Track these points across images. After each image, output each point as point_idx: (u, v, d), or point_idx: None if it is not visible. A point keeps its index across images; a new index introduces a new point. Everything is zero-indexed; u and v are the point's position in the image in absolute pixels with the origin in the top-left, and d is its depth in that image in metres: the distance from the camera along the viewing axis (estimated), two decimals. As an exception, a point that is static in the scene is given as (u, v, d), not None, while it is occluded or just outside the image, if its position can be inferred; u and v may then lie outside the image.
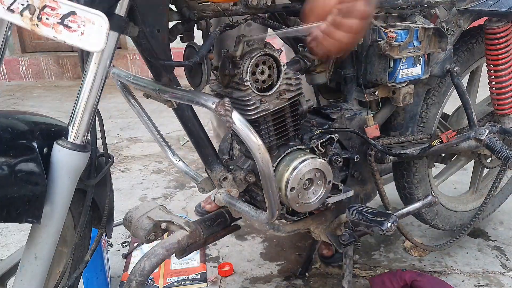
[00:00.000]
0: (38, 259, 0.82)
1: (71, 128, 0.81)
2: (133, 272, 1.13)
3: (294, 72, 1.09)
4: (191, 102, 0.87)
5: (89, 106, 0.81)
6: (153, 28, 0.92)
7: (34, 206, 0.76)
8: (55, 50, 5.01)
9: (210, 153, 1.11)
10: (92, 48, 0.66)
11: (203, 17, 0.99)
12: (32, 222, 0.77)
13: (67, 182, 0.81)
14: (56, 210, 0.81)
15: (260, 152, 0.85)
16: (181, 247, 1.17)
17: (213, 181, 1.15)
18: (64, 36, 0.66)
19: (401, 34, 1.17)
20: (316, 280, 1.52)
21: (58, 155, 0.80)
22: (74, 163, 0.81)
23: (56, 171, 0.80)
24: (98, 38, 0.65)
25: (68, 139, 0.81)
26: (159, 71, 0.98)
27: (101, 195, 1.07)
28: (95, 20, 0.64)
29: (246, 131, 0.83)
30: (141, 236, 1.18)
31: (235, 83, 1.03)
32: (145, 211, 1.21)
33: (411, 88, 1.26)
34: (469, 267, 1.61)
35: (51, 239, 0.82)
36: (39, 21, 0.66)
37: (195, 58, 0.92)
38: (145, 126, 1.31)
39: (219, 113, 0.80)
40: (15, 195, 0.73)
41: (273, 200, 0.92)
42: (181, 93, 0.90)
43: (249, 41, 1.03)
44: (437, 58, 1.30)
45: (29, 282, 0.83)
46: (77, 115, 0.81)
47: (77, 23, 0.65)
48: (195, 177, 1.24)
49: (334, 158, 1.18)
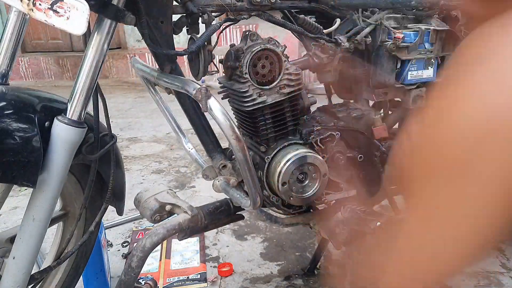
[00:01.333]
0: (36, 221, 0.92)
1: (70, 105, 0.90)
2: (135, 248, 1.21)
3: (296, 68, 1.12)
4: (179, 88, 0.94)
5: (87, 86, 0.89)
6: (157, 19, 1.00)
7: (30, 172, 0.85)
8: (55, 50, 5.13)
9: (211, 141, 1.17)
10: (75, 31, 0.74)
11: (206, 12, 1.05)
12: (27, 186, 0.86)
13: (64, 153, 0.90)
14: (53, 178, 0.90)
15: (234, 138, 0.89)
16: (182, 229, 1.24)
17: (214, 168, 1.21)
18: (54, 20, 0.74)
19: (410, 35, 1.16)
20: (316, 280, 1.53)
21: (57, 129, 0.89)
22: (71, 137, 0.90)
23: (55, 143, 0.89)
24: (81, 22, 0.73)
25: (67, 115, 0.90)
26: (162, 60, 1.05)
27: (109, 172, 1.16)
28: (78, 6, 0.73)
29: (222, 118, 0.88)
30: (147, 215, 1.26)
31: (236, 75, 1.08)
32: (154, 193, 1.29)
33: (423, 91, 1.24)
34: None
35: (47, 203, 0.91)
36: (33, 6, 0.75)
37: (190, 49, 0.99)
38: (163, 114, 1.39)
39: (197, 98, 0.86)
40: (11, 159, 0.82)
41: (252, 187, 0.96)
42: (172, 80, 0.96)
43: (254, 35, 1.08)
44: (453, 62, 1.27)
45: (27, 241, 0.93)
46: (76, 94, 0.90)
47: (64, 9, 0.73)
48: (202, 165, 1.30)
49: (336, 156, 1.19)
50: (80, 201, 1.17)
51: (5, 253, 1.05)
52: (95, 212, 1.18)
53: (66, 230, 1.22)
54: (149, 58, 4.76)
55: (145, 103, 4.13)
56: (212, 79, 3.52)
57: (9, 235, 1.06)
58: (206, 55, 1.02)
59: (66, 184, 1.12)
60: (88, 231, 1.12)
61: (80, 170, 1.14)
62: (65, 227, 1.23)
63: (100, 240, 1.48)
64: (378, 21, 1.20)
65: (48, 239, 1.40)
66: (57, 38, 5.47)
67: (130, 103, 4.22)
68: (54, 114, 0.91)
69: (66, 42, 5.48)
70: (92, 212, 1.21)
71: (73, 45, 5.46)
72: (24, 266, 0.93)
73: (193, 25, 1.08)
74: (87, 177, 1.07)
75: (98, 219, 1.13)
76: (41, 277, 1.06)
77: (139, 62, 1.23)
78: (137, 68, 1.20)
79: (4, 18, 5.20)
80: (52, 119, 0.90)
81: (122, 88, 4.86)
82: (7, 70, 1.06)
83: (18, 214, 2.05)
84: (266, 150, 1.14)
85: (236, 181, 1.18)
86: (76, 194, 1.17)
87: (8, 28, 1.02)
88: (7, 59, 1.04)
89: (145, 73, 1.11)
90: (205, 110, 0.87)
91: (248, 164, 0.94)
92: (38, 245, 0.95)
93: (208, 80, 3.63)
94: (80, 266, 1.31)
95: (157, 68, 1.10)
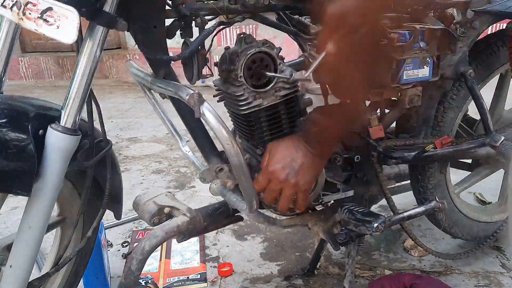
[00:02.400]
0: (32, 229, 0.92)
1: (64, 112, 0.90)
2: (134, 251, 1.22)
3: (291, 70, 1.11)
4: (172, 94, 0.93)
5: (80, 93, 0.89)
6: (150, 24, 0.99)
7: (24, 180, 0.85)
8: (55, 50, 5.07)
9: (207, 144, 1.17)
10: (66, 40, 0.74)
11: (199, 15, 1.05)
12: (22, 194, 0.86)
13: (58, 161, 0.90)
14: (48, 186, 0.90)
15: (228, 143, 0.89)
16: (181, 232, 1.24)
17: (211, 171, 1.21)
18: (44, 29, 0.74)
19: (405, 34, 1.15)
20: (316, 280, 1.53)
21: (51, 137, 0.89)
22: (65, 145, 0.90)
23: (49, 151, 0.89)
24: (71, 31, 0.73)
25: (61, 123, 0.90)
26: (157, 65, 1.05)
27: (105, 177, 1.16)
28: (68, 15, 0.72)
29: (215, 122, 0.88)
30: (146, 218, 1.26)
31: (232, 78, 1.08)
32: (152, 196, 1.29)
33: (419, 90, 1.24)
34: (469, 267, 1.59)
35: (42, 211, 0.91)
36: (23, 16, 0.75)
37: (184, 54, 0.99)
38: (159, 117, 1.39)
39: (190, 104, 0.86)
40: (5, 168, 0.82)
41: (248, 191, 0.96)
42: (166, 85, 0.96)
43: (249, 38, 1.08)
44: (450, 61, 1.27)
45: (24, 249, 0.93)
46: (69, 101, 0.90)
47: (54, 18, 0.73)
48: (199, 167, 1.30)
49: (333, 157, 1.19)
50: (77, 207, 1.17)
51: (2, 261, 1.05)
52: (92, 217, 1.19)
53: (64, 236, 1.22)
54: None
55: (145, 103, 4.12)
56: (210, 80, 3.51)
57: (6, 243, 1.06)
58: (200, 59, 1.02)
59: (63, 190, 1.11)
60: (86, 236, 1.12)
61: (76, 176, 1.14)
62: (63, 233, 1.23)
63: (100, 240, 1.48)
64: (373, 21, 1.20)
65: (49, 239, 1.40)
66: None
67: (130, 103, 4.21)
68: (48, 121, 0.90)
69: (66, 42, 5.44)
70: (89, 217, 1.21)
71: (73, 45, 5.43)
72: (22, 274, 0.93)
73: (187, 29, 1.08)
74: (83, 183, 1.07)
75: (95, 224, 1.13)
76: (40, 283, 1.06)
77: (134, 66, 1.22)
78: (132, 72, 1.20)
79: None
80: (46, 127, 0.90)
81: (122, 88, 4.85)
82: (1, 77, 1.06)
83: (18, 214, 2.05)
84: (263, 153, 1.13)
85: (233, 184, 1.18)
86: (73, 200, 1.17)
87: (1, 36, 1.02)
88: (0, 67, 1.04)
89: (140, 77, 1.11)
90: (199, 116, 0.87)
91: (243, 168, 0.94)
92: (35, 253, 0.95)
93: (208, 80, 3.63)
94: (79, 271, 1.31)
95: (151, 73, 1.09)
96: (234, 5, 1.07)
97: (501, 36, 1.40)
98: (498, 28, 1.44)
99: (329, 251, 1.68)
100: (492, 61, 1.41)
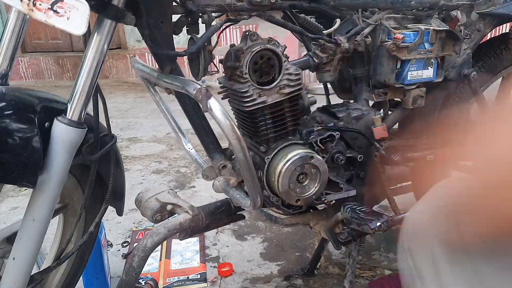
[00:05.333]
0: (35, 221, 0.92)
1: (70, 105, 0.90)
2: (136, 248, 1.21)
3: (296, 68, 1.12)
4: (179, 89, 0.93)
5: (87, 86, 0.89)
6: (157, 20, 1.00)
7: (29, 172, 0.85)
8: (55, 50, 5.12)
9: (211, 141, 1.17)
10: (76, 32, 0.74)
11: (206, 12, 1.05)
12: (27, 186, 0.86)
13: (63, 154, 0.90)
14: (53, 178, 0.90)
15: (234, 139, 0.89)
16: (183, 229, 1.24)
17: (214, 169, 1.21)
18: (54, 20, 0.74)
19: (410, 35, 1.16)
20: (316, 280, 1.53)
21: (57, 130, 0.89)
22: (70, 137, 0.90)
23: (55, 144, 0.89)
24: (81, 22, 0.73)
25: (67, 116, 0.90)
26: (162, 60, 1.05)
27: (109, 172, 1.16)
28: (79, 6, 0.72)
29: (222, 118, 0.88)
30: (148, 215, 1.26)
31: (236, 75, 1.08)
32: (155, 193, 1.29)
33: (423, 91, 1.24)
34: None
35: (47, 204, 0.91)
36: (33, 6, 0.75)
37: (190, 49, 0.99)
38: (163, 114, 1.39)
39: (197, 99, 0.86)
40: (11, 160, 0.82)
41: (253, 187, 0.96)
42: (172, 80, 0.96)
43: (254, 36, 1.08)
44: (453, 62, 1.27)
45: (27, 241, 0.92)
46: (76, 94, 0.90)
47: (64, 9, 0.73)
48: (202, 165, 1.30)
49: (336, 156, 1.19)
50: (80, 199, 1.17)
51: (5, 253, 1.05)
52: (95, 213, 1.19)
53: (66, 230, 1.22)
54: (149, 58, 4.76)
55: (145, 103, 4.13)
56: (212, 79, 3.52)
57: (6, 235, 1.06)
58: (206, 55, 1.02)
59: (66, 185, 1.12)
60: (88, 231, 1.12)
61: (80, 170, 1.14)
62: (65, 227, 1.23)
63: (100, 240, 1.48)
64: (378, 21, 1.20)
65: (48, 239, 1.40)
66: (57, 38, 5.47)
67: (130, 103, 4.22)
68: (54, 114, 0.91)
69: (66, 42, 5.47)
70: (92, 212, 1.21)
71: (73, 45, 5.46)
72: (24, 266, 0.93)
73: (193, 25, 1.08)
74: (87, 177, 1.07)
75: (98, 219, 1.13)
76: (41, 277, 1.06)
77: (139, 62, 1.23)
78: (137, 68, 1.20)
79: (4, 18, 5.20)
80: (52, 119, 0.90)
81: (122, 88, 4.86)
82: (7, 71, 1.06)
83: (18, 214, 2.05)
84: (266, 150, 1.14)
85: (236, 181, 1.18)
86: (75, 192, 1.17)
87: (8, 28, 1.02)
88: (7, 60, 1.04)
89: (145, 73, 1.11)
90: (206, 110, 0.87)
91: (249, 164, 0.94)
92: (38, 246, 0.95)
93: (209, 80, 3.64)
94: (80, 266, 1.31)
95: (157, 68, 1.09)
96: (241, 3, 1.07)
97: (504, 40, 1.41)
98: (500, 31, 1.45)
99: (329, 251, 1.68)
100: (495, 64, 1.42)
